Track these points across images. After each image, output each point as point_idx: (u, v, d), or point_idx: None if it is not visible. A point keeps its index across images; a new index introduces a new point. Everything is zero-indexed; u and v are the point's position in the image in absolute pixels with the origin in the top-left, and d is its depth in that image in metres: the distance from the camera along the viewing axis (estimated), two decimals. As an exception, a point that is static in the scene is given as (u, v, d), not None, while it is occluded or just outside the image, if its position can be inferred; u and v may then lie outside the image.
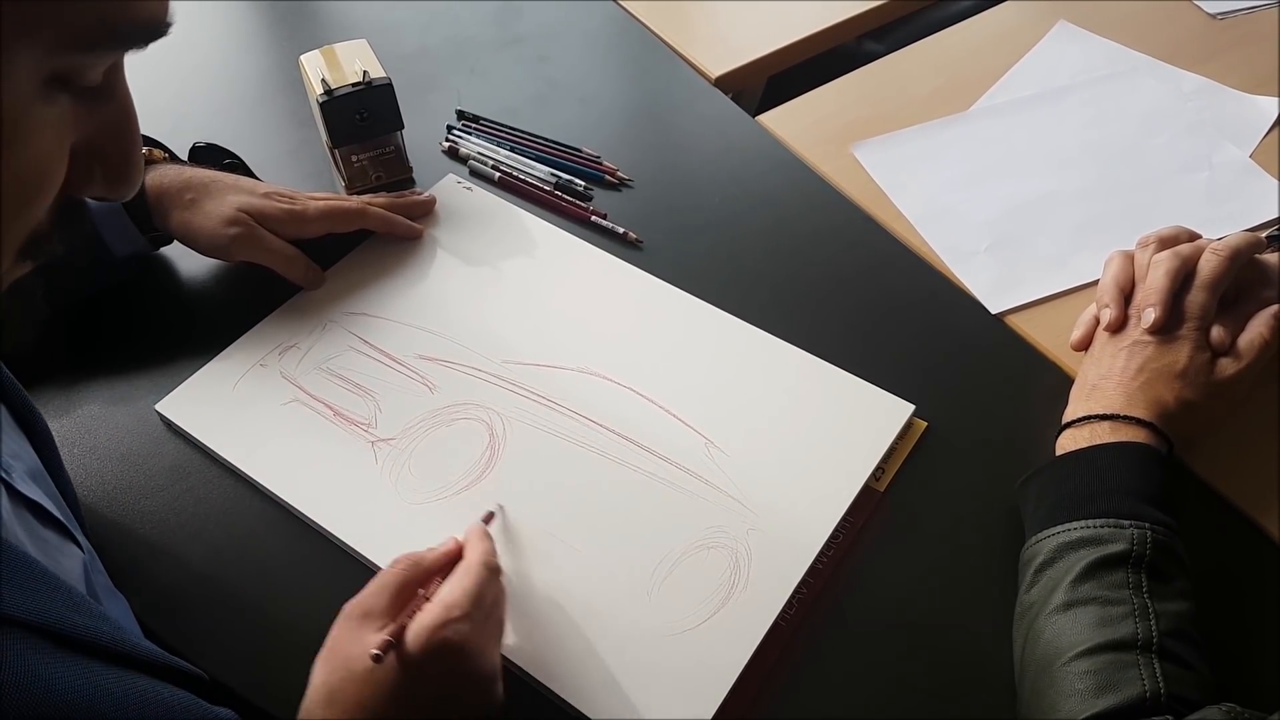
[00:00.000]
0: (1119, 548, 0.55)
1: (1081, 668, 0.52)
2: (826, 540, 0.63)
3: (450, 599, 0.51)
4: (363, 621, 0.51)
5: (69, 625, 0.40)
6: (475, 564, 0.54)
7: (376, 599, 0.52)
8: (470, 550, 0.56)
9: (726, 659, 0.57)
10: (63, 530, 0.50)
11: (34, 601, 0.39)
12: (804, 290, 0.78)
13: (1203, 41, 0.99)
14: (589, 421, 0.69)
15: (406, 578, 0.54)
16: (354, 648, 0.49)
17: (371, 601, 0.52)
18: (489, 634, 0.53)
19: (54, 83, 0.33)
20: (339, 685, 0.49)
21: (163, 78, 0.97)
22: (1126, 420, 0.62)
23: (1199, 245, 0.68)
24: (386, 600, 0.52)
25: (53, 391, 0.71)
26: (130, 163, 0.39)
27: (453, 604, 0.50)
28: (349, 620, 0.51)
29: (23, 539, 0.44)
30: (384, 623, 0.51)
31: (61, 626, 0.39)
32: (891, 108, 0.93)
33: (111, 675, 0.41)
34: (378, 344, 0.73)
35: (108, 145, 0.38)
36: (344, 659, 0.50)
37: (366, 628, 0.50)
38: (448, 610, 0.50)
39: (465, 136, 0.90)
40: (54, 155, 0.35)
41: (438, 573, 0.55)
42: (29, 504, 0.47)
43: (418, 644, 0.49)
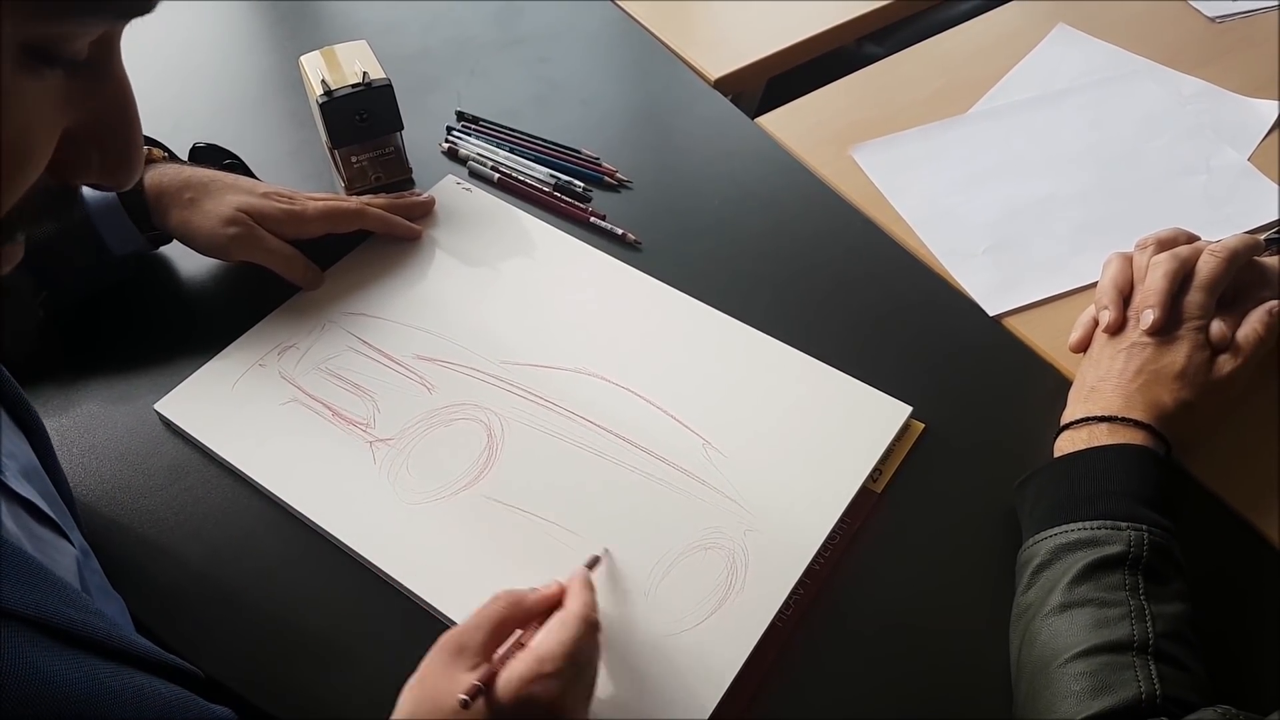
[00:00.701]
0: (1116, 549, 0.55)
1: (1078, 669, 0.52)
2: (823, 541, 0.63)
3: (545, 653, 0.49)
4: (456, 657, 0.50)
5: (64, 620, 0.40)
6: (574, 617, 0.52)
7: (473, 635, 0.51)
8: (572, 600, 0.54)
9: (723, 660, 0.58)
10: (56, 529, 0.50)
11: (30, 595, 0.39)
12: (802, 292, 0.78)
13: (1201, 45, 0.99)
14: (587, 422, 0.69)
15: (506, 616, 0.52)
16: (444, 684, 0.48)
17: (468, 637, 0.51)
18: (580, 693, 0.51)
19: (34, 54, 0.32)
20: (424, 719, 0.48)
21: (163, 78, 0.97)
22: (1125, 422, 0.62)
23: (1197, 247, 0.68)
24: (482, 638, 0.51)
25: (52, 390, 0.71)
26: (129, 150, 0.38)
27: (546, 658, 0.49)
28: (443, 653, 0.50)
29: (18, 535, 0.44)
30: (477, 661, 0.50)
31: (57, 621, 0.39)
32: (891, 110, 0.93)
33: (107, 669, 0.41)
34: (376, 344, 0.73)
35: (104, 130, 0.37)
36: (433, 694, 0.49)
37: (459, 665, 0.49)
38: (541, 664, 0.49)
39: (465, 137, 0.90)
40: (36, 130, 0.34)
41: (537, 616, 0.54)
42: (23, 502, 0.47)
43: (508, 694, 0.48)
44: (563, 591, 0.55)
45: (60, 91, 0.34)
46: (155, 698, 0.43)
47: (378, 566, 0.62)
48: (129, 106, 0.38)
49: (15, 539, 0.43)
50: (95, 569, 0.55)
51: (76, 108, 0.36)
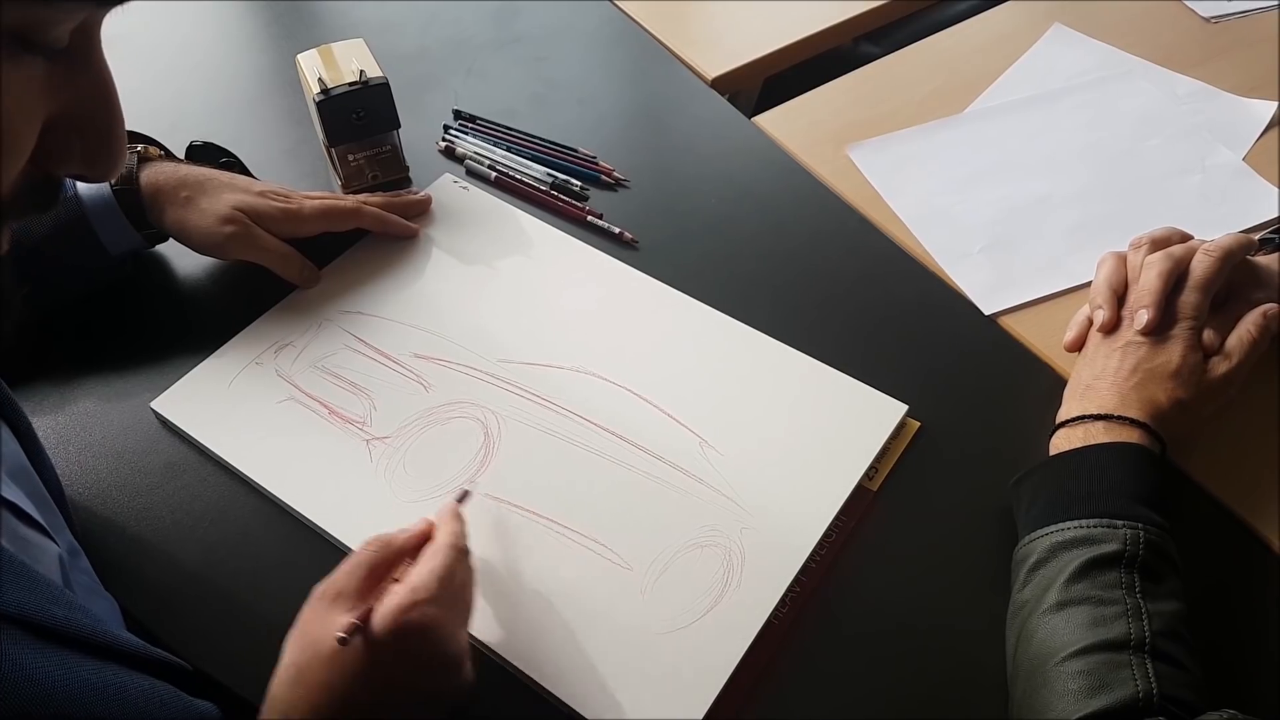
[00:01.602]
0: (1112, 547, 0.55)
1: (1074, 668, 0.52)
2: (819, 539, 0.63)
3: (417, 581, 0.51)
4: (333, 603, 0.51)
5: (48, 617, 0.40)
6: (443, 545, 0.54)
7: (347, 580, 0.52)
8: (440, 532, 0.55)
9: (719, 658, 0.58)
10: (41, 530, 0.50)
11: (13, 594, 0.39)
12: (798, 290, 0.78)
13: (1197, 45, 1.00)
14: (584, 420, 0.69)
15: (378, 559, 0.53)
16: (322, 629, 0.49)
17: (342, 583, 0.52)
18: (456, 616, 0.53)
19: (15, 40, 0.32)
20: (306, 665, 0.49)
21: (160, 76, 0.97)
22: (1120, 420, 0.62)
23: (1191, 247, 0.68)
24: (357, 582, 0.52)
25: (48, 389, 0.71)
26: (110, 139, 0.39)
27: (419, 586, 0.50)
28: (319, 601, 0.51)
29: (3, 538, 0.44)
30: (354, 604, 0.51)
31: (40, 618, 0.39)
32: (887, 110, 0.94)
33: (90, 666, 0.41)
34: (373, 342, 0.73)
35: (85, 120, 0.37)
36: (312, 639, 0.50)
37: (336, 609, 0.50)
38: (414, 592, 0.50)
39: (462, 136, 0.90)
40: (18, 118, 0.34)
41: (409, 554, 0.55)
42: (7, 504, 0.47)
43: (384, 626, 0.49)
44: (431, 528, 0.56)
45: (41, 79, 0.34)
46: (138, 693, 0.43)
47: (374, 564, 0.62)
48: (110, 96, 0.38)
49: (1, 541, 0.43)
50: (85, 568, 0.55)
51: (57, 96, 0.36)
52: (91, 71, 0.37)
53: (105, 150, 0.39)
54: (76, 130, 0.37)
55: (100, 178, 0.40)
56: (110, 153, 0.39)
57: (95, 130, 0.38)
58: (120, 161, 0.40)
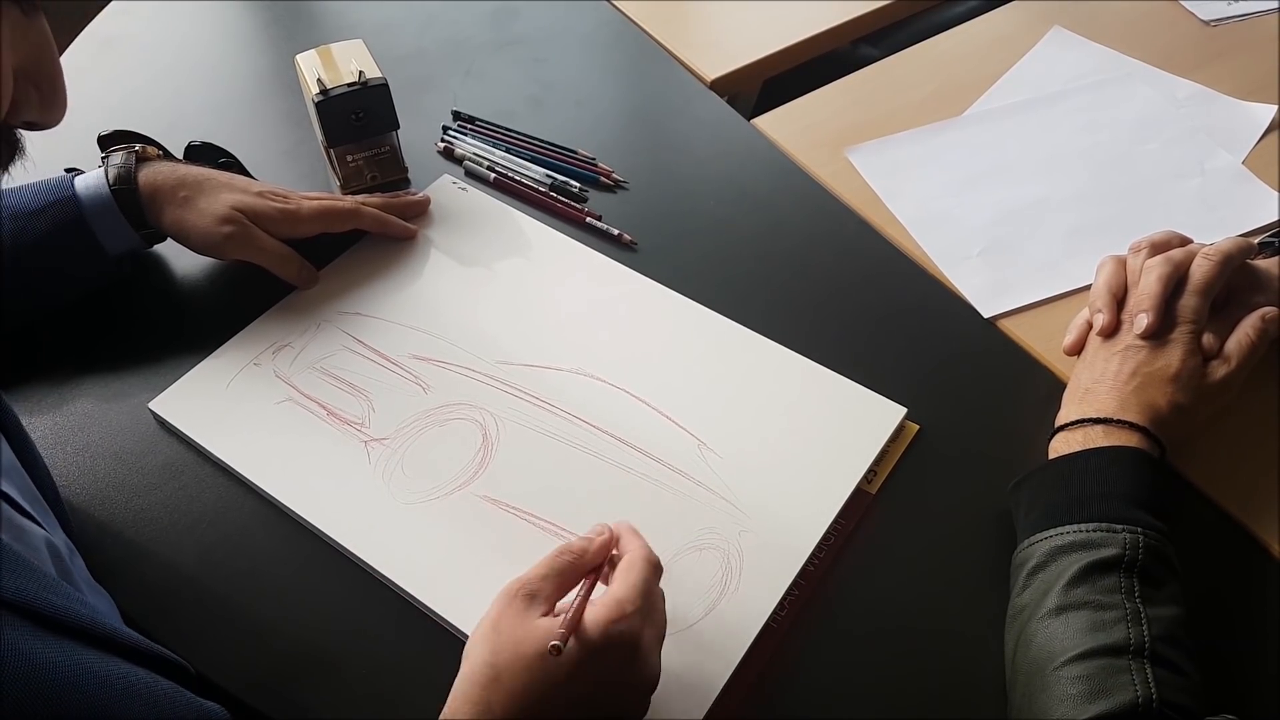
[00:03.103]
0: (1111, 552, 0.55)
1: (1074, 673, 0.52)
2: (818, 542, 0.63)
3: (622, 594, 0.50)
4: (529, 604, 0.50)
5: (47, 606, 0.40)
6: (641, 559, 0.53)
7: (543, 584, 0.51)
8: (631, 545, 0.55)
9: (717, 660, 0.57)
10: (33, 522, 0.50)
11: (12, 581, 0.39)
12: (797, 293, 0.78)
13: (1196, 48, 1.00)
14: (582, 422, 0.69)
15: (570, 565, 0.53)
16: (524, 631, 0.49)
17: (538, 585, 0.51)
18: (655, 633, 0.52)
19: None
20: (506, 666, 0.48)
21: (159, 77, 0.97)
22: (1119, 424, 0.62)
23: (1190, 250, 0.68)
24: (552, 587, 0.52)
25: (45, 389, 0.71)
26: (58, 86, 0.45)
27: (625, 599, 0.50)
28: (514, 600, 0.51)
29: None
30: (548, 608, 0.51)
31: (40, 606, 0.39)
32: (886, 112, 0.93)
33: (92, 655, 0.41)
34: (371, 344, 0.73)
35: (37, 69, 0.44)
36: (513, 640, 0.49)
37: (533, 611, 0.50)
38: (620, 605, 0.50)
39: (461, 137, 0.90)
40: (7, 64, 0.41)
41: (597, 564, 0.55)
42: (3, 495, 0.47)
43: (595, 636, 0.48)
44: (614, 537, 0.56)
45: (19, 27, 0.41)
46: (142, 685, 0.42)
47: (371, 566, 0.61)
48: (53, 50, 0.45)
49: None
50: (81, 568, 0.55)
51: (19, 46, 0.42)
52: (39, 24, 0.43)
53: (55, 94, 0.45)
54: (32, 80, 0.44)
55: (52, 122, 0.46)
56: (60, 98, 0.46)
57: (47, 79, 0.45)
58: (65, 106, 0.47)
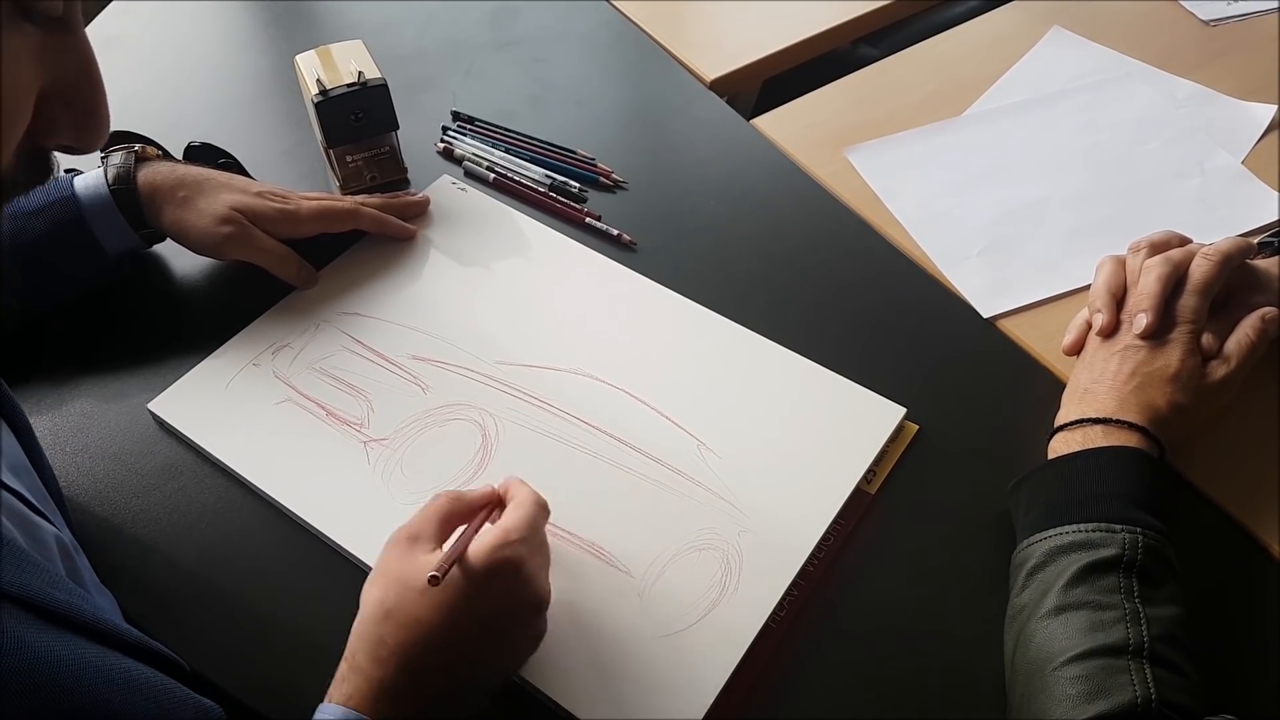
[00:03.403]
0: (1111, 552, 0.55)
1: (1073, 673, 0.52)
2: (817, 542, 0.63)
3: (509, 524, 0.53)
4: (412, 544, 0.53)
5: (49, 600, 0.40)
6: (529, 499, 0.56)
7: (424, 525, 0.54)
8: (519, 488, 0.58)
9: (717, 661, 0.57)
10: (44, 519, 0.50)
11: (17, 576, 0.39)
12: (797, 293, 0.78)
13: (1196, 48, 1.00)
14: (582, 423, 0.69)
15: (451, 509, 0.56)
16: (410, 567, 0.51)
17: (419, 527, 0.54)
18: (542, 561, 0.55)
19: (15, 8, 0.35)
20: (395, 602, 0.51)
21: (159, 77, 0.97)
22: (1119, 424, 0.62)
23: (1190, 250, 0.68)
24: (434, 527, 0.54)
25: (45, 389, 0.71)
26: (96, 107, 0.41)
27: (511, 528, 0.53)
28: (398, 544, 0.53)
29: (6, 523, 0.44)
30: (432, 547, 0.53)
31: (44, 601, 0.40)
32: (885, 112, 0.93)
33: (95, 651, 0.41)
34: (371, 344, 0.73)
35: (73, 91, 0.40)
36: (399, 576, 0.51)
37: (418, 550, 0.53)
38: (506, 533, 0.53)
39: (460, 137, 0.90)
40: (22, 87, 0.37)
41: (479, 509, 0.57)
42: (11, 491, 0.47)
43: (479, 561, 0.51)
44: (495, 491, 0.59)
45: (37, 49, 0.37)
46: (144, 683, 0.43)
47: (371, 567, 0.61)
48: (94, 66, 0.41)
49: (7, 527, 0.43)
50: (85, 566, 0.55)
51: (50, 67, 0.38)
52: (77, 44, 0.39)
53: (92, 120, 0.41)
54: (65, 102, 0.40)
55: (88, 148, 0.42)
56: (97, 122, 0.42)
57: (82, 101, 0.41)
58: (105, 131, 0.43)
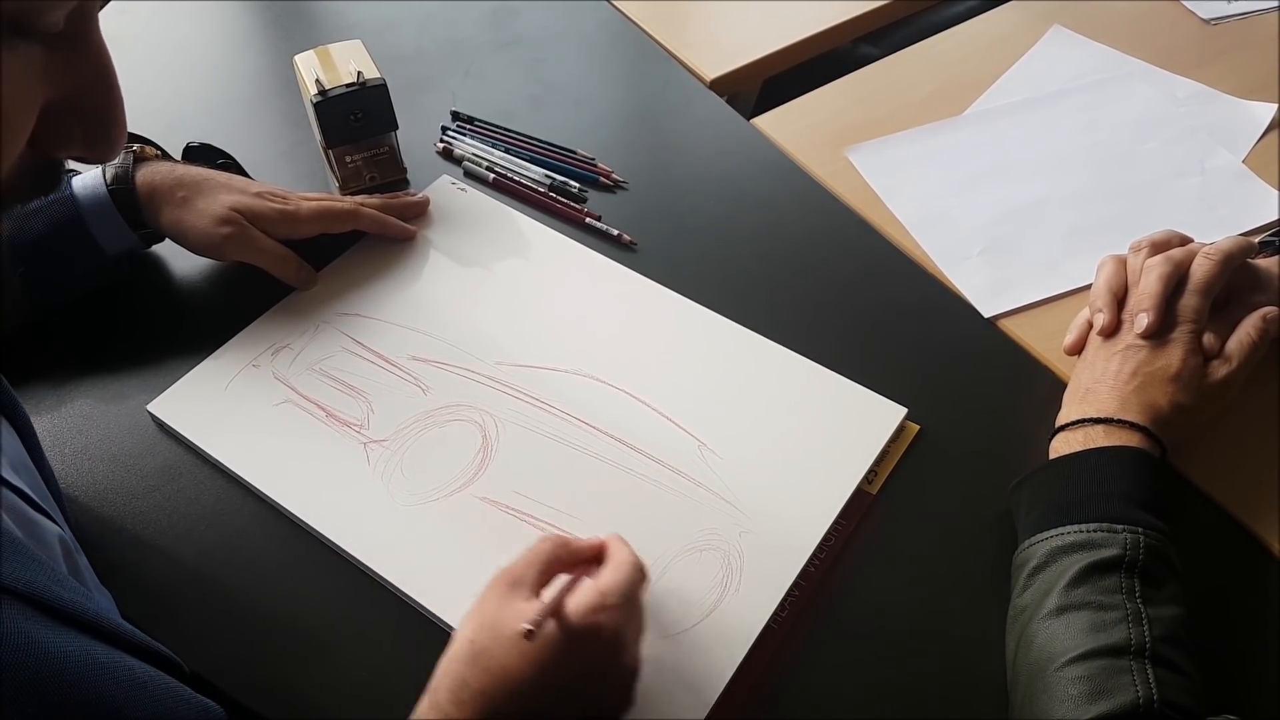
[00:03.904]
0: (1112, 552, 0.55)
1: (1075, 673, 0.52)
2: (819, 543, 0.63)
3: (606, 587, 0.51)
4: (512, 589, 0.51)
5: (54, 598, 0.40)
6: (629, 562, 0.54)
7: (526, 570, 0.52)
8: (620, 549, 0.56)
9: (718, 661, 0.57)
10: (46, 517, 0.50)
11: (23, 574, 0.39)
12: (797, 293, 0.78)
13: (1197, 47, 1.00)
14: (582, 423, 0.68)
15: (557, 555, 0.54)
16: (504, 613, 0.50)
17: (521, 571, 0.52)
18: (636, 630, 0.53)
19: (9, 27, 0.32)
20: (484, 646, 0.49)
21: (158, 78, 0.97)
22: (1120, 424, 0.62)
23: (1191, 250, 0.68)
24: (535, 573, 0.52)
25: (44, 391, 0.71)
26: (109, 121, 0.39)
27: (609, 591, 0.51)
28: (498, 586, 0.52)
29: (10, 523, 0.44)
30: (530, 594, 0.51)
31: (50, 599, 0.40)
32: (886, 111, 0.93)
33: (100, 648, 0.41)
34: (370, 345, 0.73)
35: (84, 102, 0.38)
36: (493, 622, 0.50)
37: (516, 596, 0.51)
38: (604, 596, 0.50)
39: (460, 138, 0.90)
40: (14, 104, 0.34)
41: (584, 561, 0.55)
42: (13, 488, 0.47)
43: (575, 621, 0.49)
44: (603, 543, 0.57)
45: (39, 65, 0.35)
46: (148, 681, 0.43)
47: (371, 568, 0.61)
48: (108, 78, 0.38)
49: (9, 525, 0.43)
50: (86, 565, 0.55)
51: (56, 80, 0.36)
52: (90, 54, 0.37)
53: (105, 132, 0.39)
54: (75, 113, 0.38)
55: (100, 159, 0.40)
56: (110, 134, 0.39)
57: (94, 113, 0.38)
58: (120, 142, 0.40)
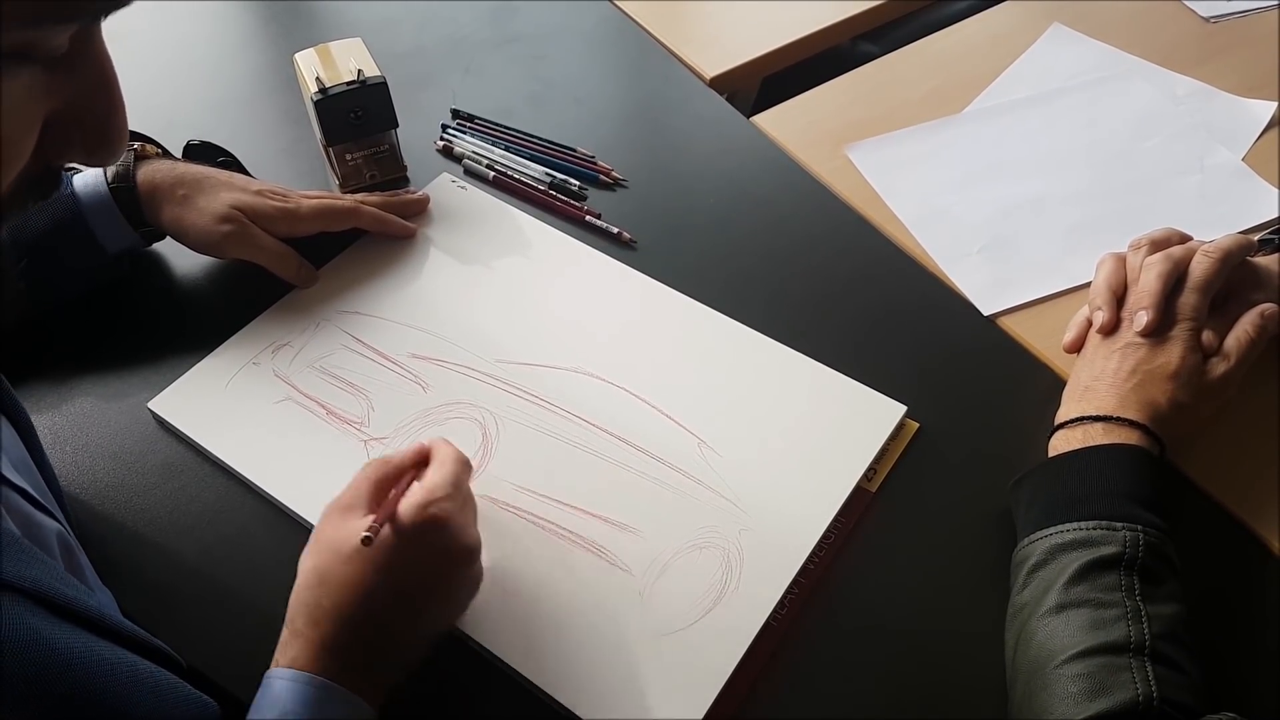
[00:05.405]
0: (1111, 550, 0.55)
1: (1074, 670, 0.52)
2: (818, 541, 0.63)
3: (432, 483, 0.55)
4: (345, 513, 0.54)
5: (58, 595, 0.40)
6: (450, 456, 0.57)
7: (355, 495, 0.55)
8: (442, 447, 0.59)
9: (718, 659, 0.57)
10: (47, 514, 0.50)
11: (24, 569, 0.39)
12: (797, 291, 0.78)
13: (1196, 45, 1.00)
14: (582, 421, 0.69)
15: (381, 474, 0.56)
16: (341, 534, 0.52)
17: (351, 497, 0.55)
18: (468, 513, 0.56)
19: (14, 57, 0.32)
20: (328, 568, 0.52)
21: (158, 76, 0.97)
22: (1119, 422, 0.62)
23: (1190, 248, 0.68)
24: (365, 495, 0.55)
25: (45, 388, 0.71)
26: (110, 128, 0.39)
27: (435, 486, 0.54)
28: (331, 515, 0.54)
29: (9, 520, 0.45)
30: (364, 513, 0.54)
31: (53, 595, 0.40)
32: (885, 109, 0.93)
33: (102, 644, 0.41)
34: (371, 342, 0.73)
35: (85, 111, 0.38)
36: (330, 543, 0.53)
37: (350, 518, 0.53)
38: (431, 491, 0.54)
39: (460, 135, 0.90)
40: (18, 125, 0.35)
41: (408, 470, 0.58)
42: (14, 486, 0.48)
43: (407, 520, 0.52)
44: (423, 450, 0.59)
45: (40, 85, 0.35)
46: (149, 677, 0.43)
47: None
48: (109, 85, 0.38)
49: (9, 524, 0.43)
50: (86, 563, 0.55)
51: (57, 95, 0.36)
52: (92, 64, 0.37)
53: (106, 139, 0.39)
54: (76, 121, 0.38)
55: (100, 164, 0.41)
56: (110, 140, 0.39)
57: (96, 120, 0.38)
58: (121, 148, 0.40)
